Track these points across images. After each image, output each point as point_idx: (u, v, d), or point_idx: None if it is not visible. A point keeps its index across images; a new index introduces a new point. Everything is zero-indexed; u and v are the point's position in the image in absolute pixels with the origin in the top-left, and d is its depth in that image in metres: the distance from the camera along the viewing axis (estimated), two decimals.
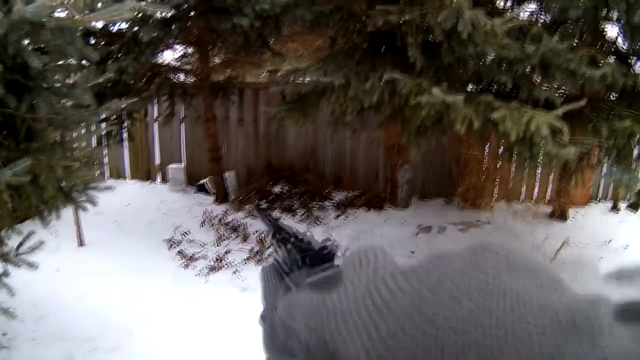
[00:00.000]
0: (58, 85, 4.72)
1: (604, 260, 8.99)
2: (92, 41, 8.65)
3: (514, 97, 7.19)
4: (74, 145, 5.35)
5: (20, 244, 5.06)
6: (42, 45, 4.39)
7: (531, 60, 6.80)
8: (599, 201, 12.33)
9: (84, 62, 6.14)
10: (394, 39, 7.41)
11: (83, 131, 5.67)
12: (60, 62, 4.76)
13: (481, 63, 7.56)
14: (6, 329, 5.86)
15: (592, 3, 6.97)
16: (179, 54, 11.80)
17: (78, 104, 4.86)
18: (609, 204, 12.04)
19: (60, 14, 4.09)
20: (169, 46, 10.13)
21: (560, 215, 10.89)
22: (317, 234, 9.36)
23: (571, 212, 11.16)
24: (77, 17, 4.02)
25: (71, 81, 5.03)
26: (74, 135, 5.23)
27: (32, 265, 4.97)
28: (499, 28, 6.54)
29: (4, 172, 3.82)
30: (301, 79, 8.23)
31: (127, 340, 5.92)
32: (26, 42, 4.23)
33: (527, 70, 7.30)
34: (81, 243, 8.51)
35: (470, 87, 8.02)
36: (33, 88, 4.33)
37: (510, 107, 6.48)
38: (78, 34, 4.40)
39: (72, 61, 5.58)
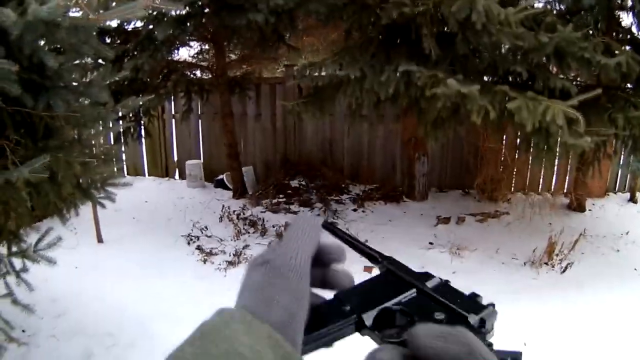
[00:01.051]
0: (75, 83, 4.74)
1: (621, 252, 9.00)
2: (108, 40, 8.72)
3: (530, 87, 7.17)
4: (92, 143, 5.38)
5: (39, 240, 5.09)
6: (58, 45, 4.42)
7: (546, 49, 6.76)
8: (617, 192, 12.31)
9: (100, 60, 6.19)
10: (409, 30, 7.40)
11: (101, 128, 5.69)
12: (76, 62, 4.78)
13: (496, 53, 7.54)
14: (25, 326, 5.88)
15: None
16: (195, 51, 11.86)
17: (95, 101, 4.89)
18: (627, 196, 12.02)
19: (75, 13, 4.12)
20: (185, 43, 10.18)
21: (577, 206, 10.88)
22: None
23: (589, 203, 11.15)
24: (91, 16, 4.05)
25: (88, 79, 5.06)
26: (92, 133, 5.25)
27: (50, 261, 4.99)
28: (512, 17, 6.52)
29: (22, 169, 3.85)
30: (317, 72, 8.23)
31: (146, 336, 5.94)
32: (42, 42, 4.26)
33: (543, 59, 7.27)
34: (100, 240, 8.58)
35: (486, 77, 8.02)
36: (50, 87, 4.35)
37: (526, 97, 6.46)
38: (93, 32, 4.43)
39: (89, 60, 5.63)
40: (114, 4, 4.41)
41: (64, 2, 3.78)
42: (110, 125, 6.10)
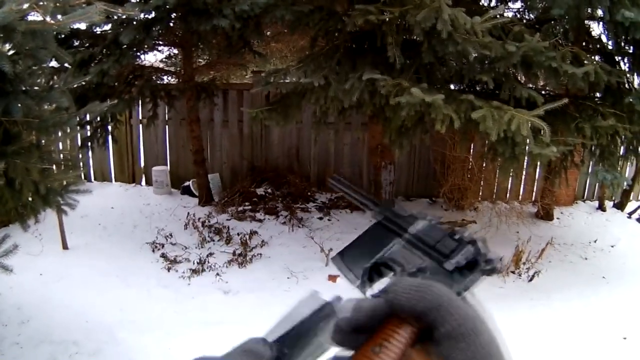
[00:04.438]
0: (36, 88, 4.69)
1: (589, 260, 9.03)
2: (76, 42, 8.65)
3: (496, 96, 7.19)
4: (52, 148, 5.33)
5: None
6: (15, 50, 4.37)
7: (513, 58, 6.76)
8: (585, 201, 12.38)
9: (66, 65, 6.13)
10: (375, 38, 7.39)
11: (60, 134, 5.64)
12: (35, 66, 4.74)
13: (463, 62, 7.55)
14: None
15: (575, 1, 6.95)
16: (164, 56, 11.81)
17: (58, 106, 4.84)
18: (595, 204, 12.09)
19: (34, 17, 4.08)
20: (153, 48, 10.12)
21: (545, 215, 10.92)
22: (299, 237, 9.37)
23: (557, 211, 11.20)
24: (47, 20, 4.01)
25: (51, 84, 5.01)
26: (52, 138, 5.20)
27: (6, 269, 4.94)
28: (478, 27, 6.51)
29: None
30: (282, 79, 8.20)
31: (111, 344, 5.91)
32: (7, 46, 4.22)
33: (510, 69, 7.29)
34: (65, 246, 8.48)
35: (452, 86, 8.02)
36: (10, 92, 4.30)
37: (491, 106, 6.47)
38: (51, 37, 4.38)
39: (54, 64, 5.57)
40: (78, 11, 4.37)
41: (17, 6, 3.74)
42: (72, 130, 6.03)
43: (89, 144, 9.45)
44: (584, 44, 8.36)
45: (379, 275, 1.14)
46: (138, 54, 9.20)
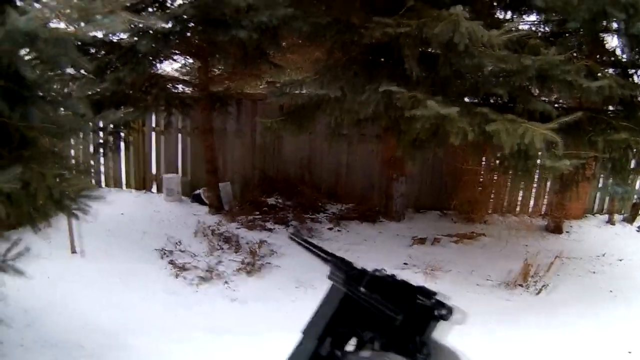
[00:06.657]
0: (53, 94, 4.70)
1: (597, 274, 9.02)
2: (92, 50, 8.64)
3: (511, 109, 7.16)
4: (67, 154, 5.35)
5: (8, 250, 5.02)
6: (37, 56, 4.37)
7: (528, 72, 6.74)
8: (595, 214, 12.38)
9: (82, 71, 6.14)
10: (391, 51, 7.39)
11: (73, 141, 5.65)
12: (56, 72, 4.74)
13: (478, 75, 7.53)
14: None
15: (590, 15, 6.93)
16: (179, 65, 11.82)
17: (74, 113, 4.84)
18: (605, 217, 12.07)
19: (56, 25, 4.09)
20: (169, 57, 10.12)
21: (555, 228, 10.93)
22: None
23: (566, 225, 11.20)
24: (71, 28, 4.02)
25: (67, 91, 5.02)
26: (67, 144, 5.21)
27: (19, 272, 4.94)
28: (495, 40, 6.50)
29: None
30: (297, 90, 8.18)
31: (114, 348, 5.90)
32: (23, 52, 4.23)
33: (525, 82, 7.26)
34: (74, 251, 8.47)
35: (467, 99, 8.00)
36: (28, 97, 4.31)
37: (506, 119, 6.45)
38: (73, 44, 4.38)
39: (71, 71, 5.58)
40: (98, 17, 4.38)
41: (43, 14, 3.75)
42: (86, 136, 6.05)
43: (102, 150, 9.45)
44: (598, 56, 8.33)
45: (344, 341, 1.28)
46: (154, 62, 9.20)
